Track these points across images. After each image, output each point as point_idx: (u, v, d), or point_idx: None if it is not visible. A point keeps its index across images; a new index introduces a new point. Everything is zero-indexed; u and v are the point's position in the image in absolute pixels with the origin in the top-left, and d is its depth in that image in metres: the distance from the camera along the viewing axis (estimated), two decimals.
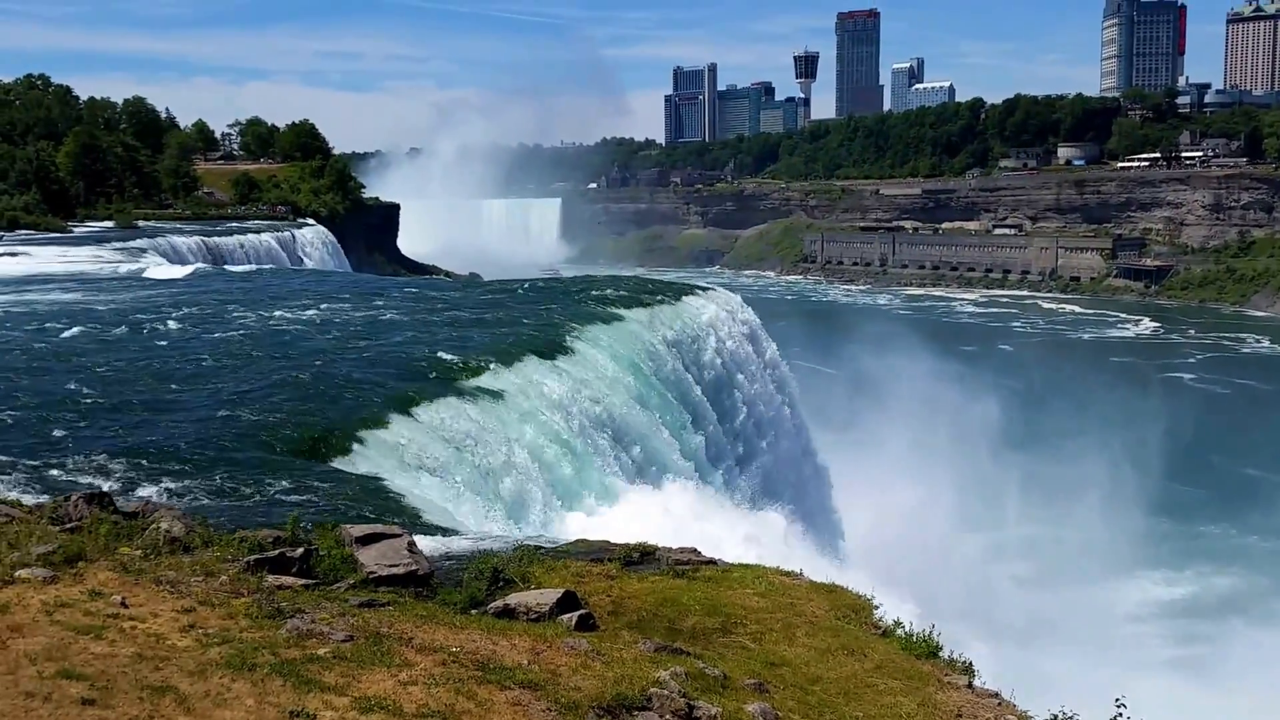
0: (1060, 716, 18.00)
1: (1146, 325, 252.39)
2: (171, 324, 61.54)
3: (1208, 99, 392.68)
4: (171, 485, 30.58)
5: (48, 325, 60.06)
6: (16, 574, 17.05)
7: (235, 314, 65.89)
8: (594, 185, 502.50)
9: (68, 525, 20.38)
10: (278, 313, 67.02)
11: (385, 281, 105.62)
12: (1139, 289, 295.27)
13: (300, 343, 56.08)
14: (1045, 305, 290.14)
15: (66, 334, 57.48)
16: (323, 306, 70.51)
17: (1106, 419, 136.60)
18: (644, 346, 61.86)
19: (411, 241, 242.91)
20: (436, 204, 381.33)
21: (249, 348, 53.88)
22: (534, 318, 64.87)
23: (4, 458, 32.58)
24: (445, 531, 27.68)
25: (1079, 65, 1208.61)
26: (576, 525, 36.48)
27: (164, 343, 55.46)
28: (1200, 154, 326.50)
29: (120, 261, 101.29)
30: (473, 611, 18.58)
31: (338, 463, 35.82)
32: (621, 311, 67.22)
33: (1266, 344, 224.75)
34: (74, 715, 12.71)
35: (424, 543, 23.24)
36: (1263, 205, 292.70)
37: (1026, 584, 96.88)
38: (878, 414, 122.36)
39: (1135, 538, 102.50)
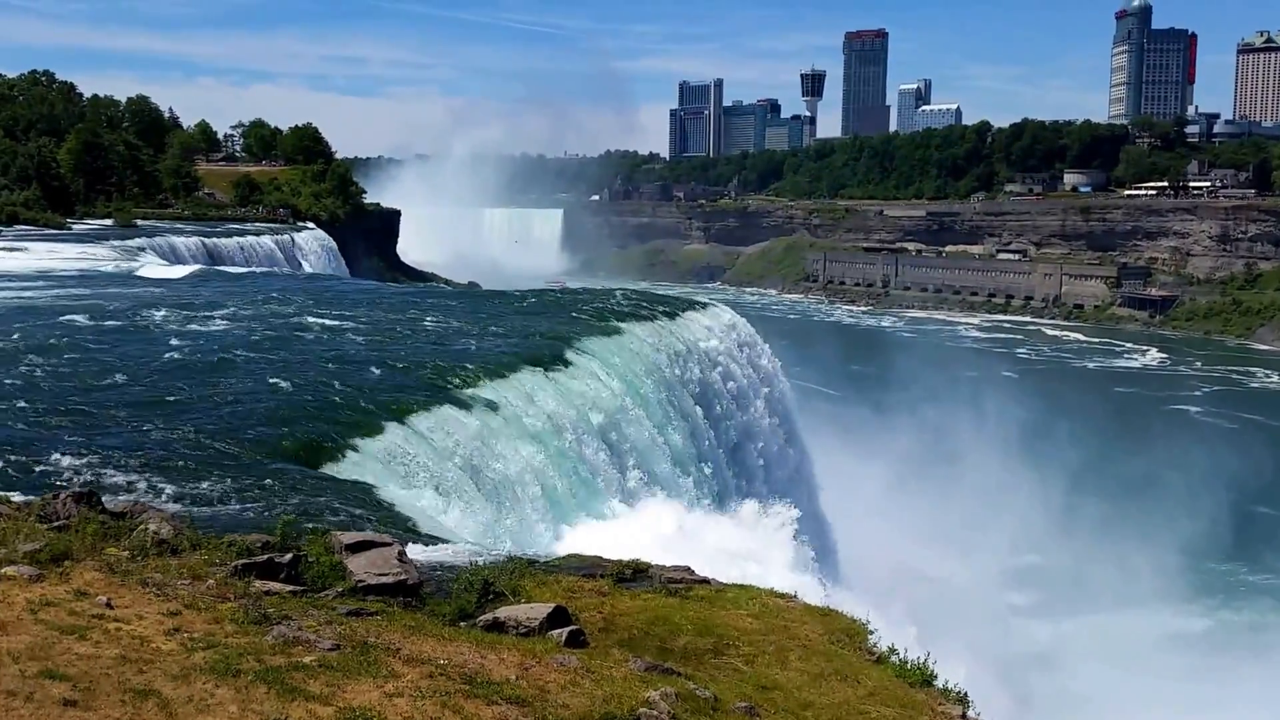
0: None
1: (1153, 356, 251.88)
2: (166, 324, 61.38)
3: (1217, 129, 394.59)
4: (160, 486, 30.41)
5: (41, 322, 59.88)
6: (2, 571, 16.99)
7: (231, 316, 65.64)
8: (597, 197, 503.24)
9: (55, 523, 20.24)
10: (272, 316, 66.86)
11: (383, 287, 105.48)
12: (1143, 318, 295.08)
13: (295, 347, 55.89)
14: (1049, 332, 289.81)
15: (59, 331, 57.31)
16: (319, 311, 70.29)
17: (1110, 451, 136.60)
18: (643, 360, 61.67)
19: (411, 248, 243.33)
20: (437, 211, 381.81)
21: (243, 350, 53.66)
22: (532, 328, 64.73)
23: None
24: (436, 541, 27.53)
25: (1088, 91, 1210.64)
26: (569, 539, 36.33)
27: (157, 342, 55.25)
28: (1208, 184, 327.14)
29: (117, 260, 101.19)
30: (461, 624, 18.42)
31: (330, 469, 35.64)
32: (621, 325, 67.02)
33: (1276, 379, 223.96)
34: (55, 716, 12.61)
35: (414, 552, 23.10)
36: (1270, 238, 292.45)
37: (1027, 613, 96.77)
38: (878, 433, 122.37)
39: (1141, 571, 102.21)
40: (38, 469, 31.33)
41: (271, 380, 46.24)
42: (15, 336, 54.51)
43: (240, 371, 48.25)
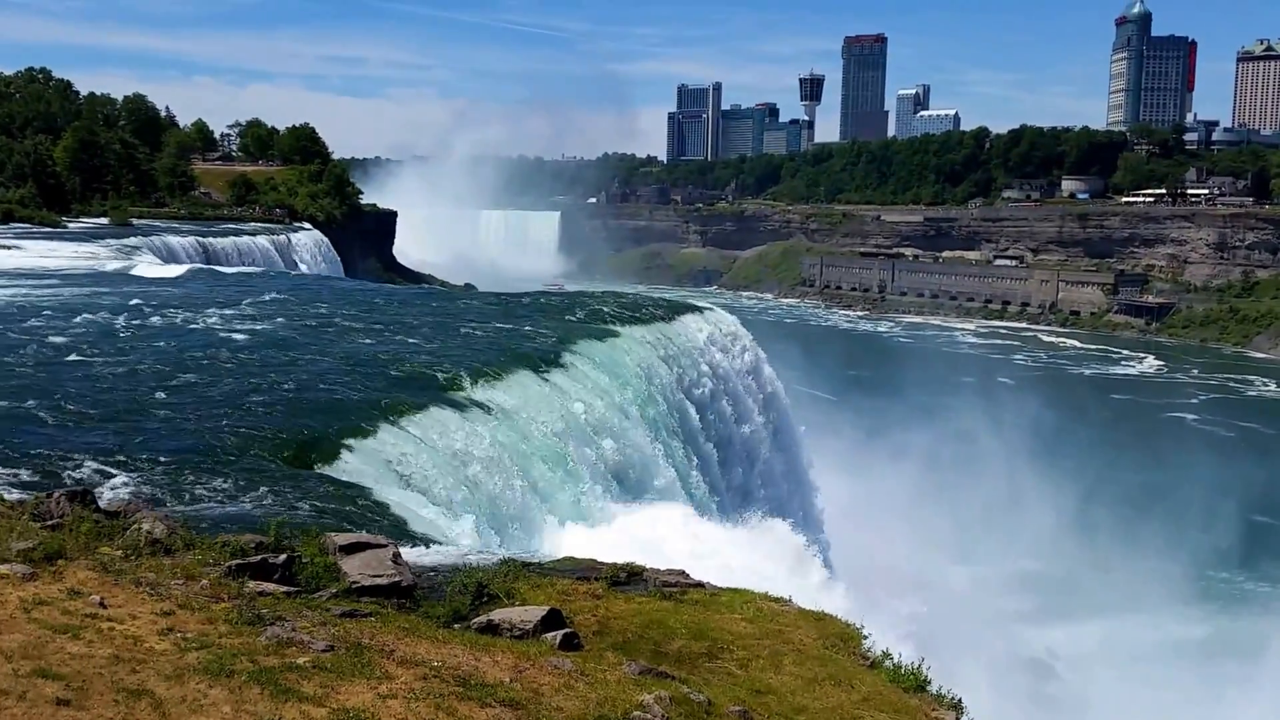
0: None
1: (1151, 363, 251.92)
2: (161, 324, 61.38)
3: (1215, 136, 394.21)
4: (154, 486, 30.35)
5: (36, 321, 59.88)
6: None
7: (226, 316, 65.60)
8: (594, 200, 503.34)
9: (49, 522, 20.19)
10: (268, 316, 66.82)
11: (379, 288, 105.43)
12: (1139, 325, 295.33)
13: (291, 348, 55.87)
14: (1045, 338, 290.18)
15: (54, 330, 57.26)
16: (315, 312, 70.34)
17: (1109, 458, 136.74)
18: (639, 364, 61.66)
19: (408, 249, 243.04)
20: (434, 213, 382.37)
21: (239, 351, 53.67)
22: (528, 330, 64.71)
23: None
24: (430, 543, 27.48)
25: (1086, 98, 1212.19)
26: (564, 542, 36.26)
27: (152, 342, 55.24)
28: (1206, 192, 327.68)
29: (113, 259, 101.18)
30: (455, 626, 18.37)
31: (324, 470, 35.58)
32: (617, 328, 67.10)
33: (1273, 387, 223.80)
34: (48, 715, 12.56)
35: (409, 554, 23.03)
36: (1268, 246, 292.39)
37: (1028, 618, 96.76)
38: (874, 438, 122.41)
39: (1140, 578, 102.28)
40: (30, 467, 31.26)
41: (265, 380, 46.25)
42: (5, 335, 54.58)
43: (234, 371, 48.25)
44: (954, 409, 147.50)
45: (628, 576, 23.58)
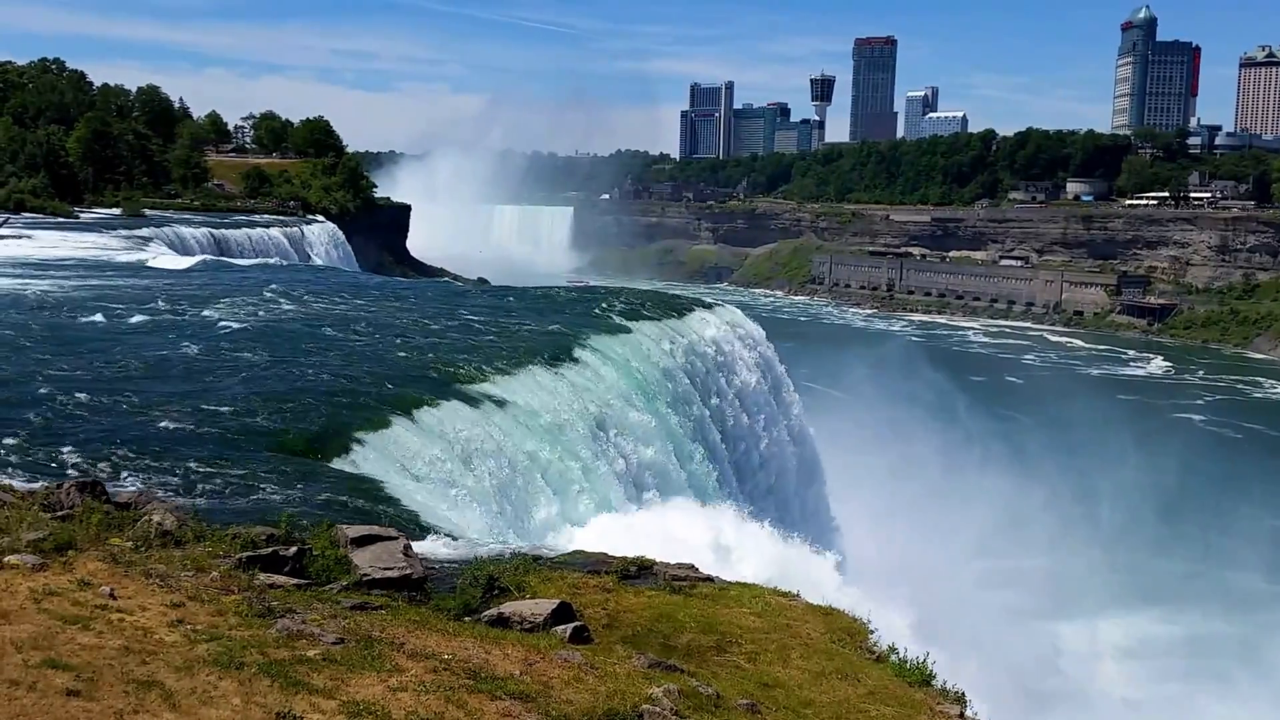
0: None
1: (1159, 364, 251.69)
2: (173, 315, 61.36)
3: (1218, 141, 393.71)
4: (165, 477, 30.33)
5: (47, 311, 59.91)
6: (5, 559, 16.96)
7: (238, 308, 65.57)
8: (607, 196, 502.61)
9: (59, 513, 20.21)
10: (281, 308, 66.83)
11: (392, 281, 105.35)
12: (1142, 326, 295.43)
13: (303, 340, 55.85)
14: (1051, 338, 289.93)
15: (65, 321, 57.30)
16: (327, 304, 70.33)
17: (1118, 457, 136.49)
18: (651, 360, 61.67)
19: (421, 244, 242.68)
20: (448, 208, 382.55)
21: (250, 342, 53.65)
22: (541, 325, 64.67)
23: None
24: (442, 536, 27.46)
25: (1091, 101, 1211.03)
26: (574, 535, 36.24)
27: (164, 333, 55.23)
28: (1209, 195, 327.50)
29: (125, 249, 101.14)
30: (466, 619, 18.40)
31: (336, 462, 35.56)
32: (629, 324, 67.03)
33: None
34: (58, 706, 12.54)
35: (419, 546, 23.08)
36: (1268, 249, 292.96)
37: (1033, 615, 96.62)
38: (876, 434, 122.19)
39: (1146, 575, 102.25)
40: (40, 458, 31.28)
41: (277, 372, 46.26)
42: (18, 325, 54.62)
43: (245, 363, 48.23)
44: (956, 407, 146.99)
45: (638, 570, 23.61)
